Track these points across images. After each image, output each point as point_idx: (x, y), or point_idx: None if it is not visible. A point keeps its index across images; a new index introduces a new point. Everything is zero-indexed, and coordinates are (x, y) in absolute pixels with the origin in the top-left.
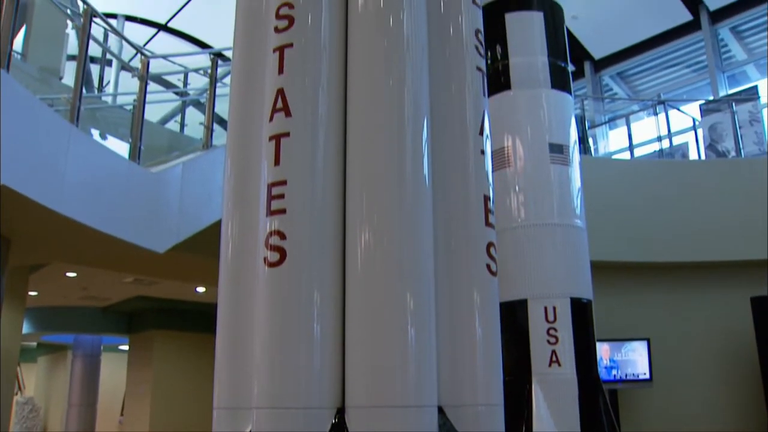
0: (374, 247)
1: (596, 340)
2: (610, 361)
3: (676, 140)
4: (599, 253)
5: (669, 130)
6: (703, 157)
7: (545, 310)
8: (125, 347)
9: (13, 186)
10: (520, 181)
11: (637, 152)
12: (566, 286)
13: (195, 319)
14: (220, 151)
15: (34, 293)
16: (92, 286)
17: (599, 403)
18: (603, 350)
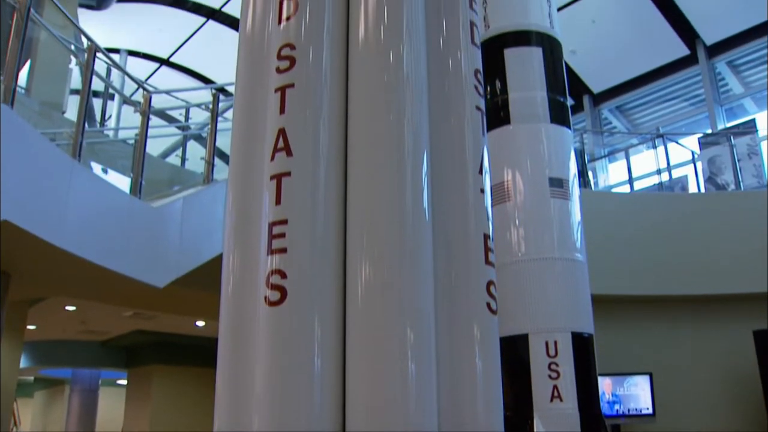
0: (374, 281)
1: (598, 375)
2: (613, 395)
3: (676, 173)
4: (600, 287)
5: (668, 163)
6: (702, 190)
7: (546, 344)
8: (123, 382)
9: (14, 221)
10: (521, 215)
11: (637, 185)
12: (567, 321)
13: (194, 354)
14: (221, 186)
15: (32, 327)
16: (91, 320)
17: None
18: (605, 385)
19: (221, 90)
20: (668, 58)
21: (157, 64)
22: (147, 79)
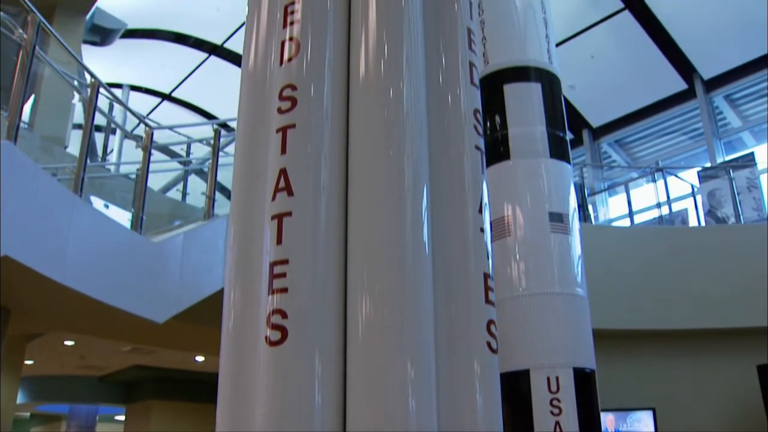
0: (375, 317)
1: (601, 411)
2: (616, 431)
3: (676, 206)
4: (601, 321)
5: (668, 197)
6: (702, 223)
7: (548, 380)
8: (121, 417)
9: (14, 256)
10: (521, 250)
11: (637, 219)
12: (569, 356)
13: (193, 389)
14: (221, 221)
15: (30, 362)
16: (90, 355)
17: None
18: (608, 421)
19: (223, 125)
20: (666, 92)
21: (159, 99)
22: (149, 114)
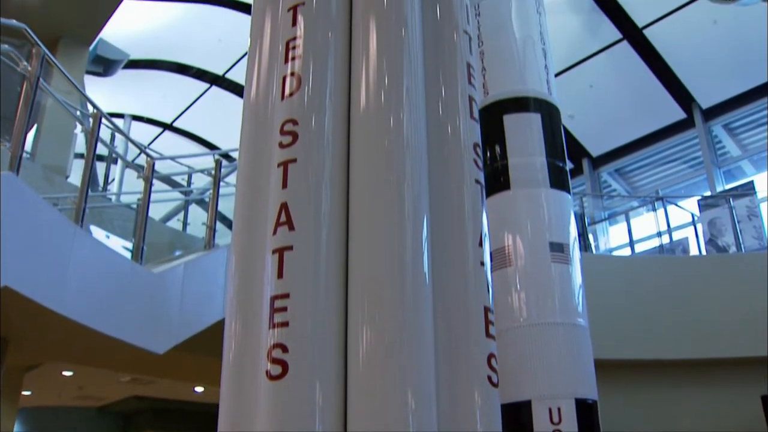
0: (376, 347)
1: None
2: None
3: (677, 235)
4: (602, 351)
5: (668, 226)
6: (703, 252)
7: (550, 411)
8: None
9: (14, 287)
10: (522, 280)
11: (638, 248)
12: (571, 387)
13: (193, 420)
14: (222, 251)
15: (27, 393)
16: (88, 386)
17: None
18: None
19: (224, 156)
20: (665, 121)
21: (160, 129)
22: (150, 144)
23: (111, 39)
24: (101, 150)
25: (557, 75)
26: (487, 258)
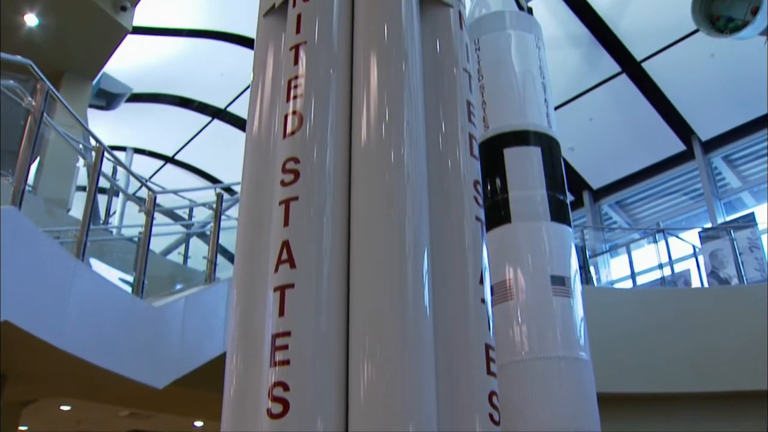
0: (377, 382)
1: None
2: None
3: (678, 267)
4: (604, 385)
5: (670, 258)
6: (705, 284)
7: None
8: None
9: (15, 322)
10: (523, 313)
11: (640, 280)
12: (573, 421)
13: None
14: (223, 285)
15: (24, 428)
16: (86, 420)
17: None
18: None
19: (227, 189)
20: (665, 153)
21: (162, 162)
22: (151, 177)
23: (114, 73)
24: (103, 183)
25: (557, 108)
26: (488, 295)
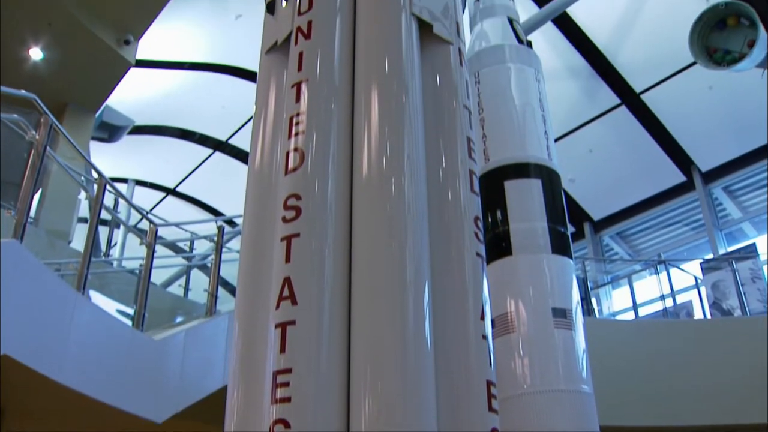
0: (378, 415)
1: None
2: None
3: (680, 298)
4: (606, 418)
5: (672, 289)
6: (708, 315)
7: None
8: None
9: (14, 356)
10: (525, 346)
11: (642, 311)
12: None
13: None
14: (223, 318)
15: None
16: None
17: None
18: None
19: (229, 222)
20: (665, 184)
21: (163, 194)
22: (153, 209)
23: (116, 105)
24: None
25: (557, 140)
26: (489, 331)
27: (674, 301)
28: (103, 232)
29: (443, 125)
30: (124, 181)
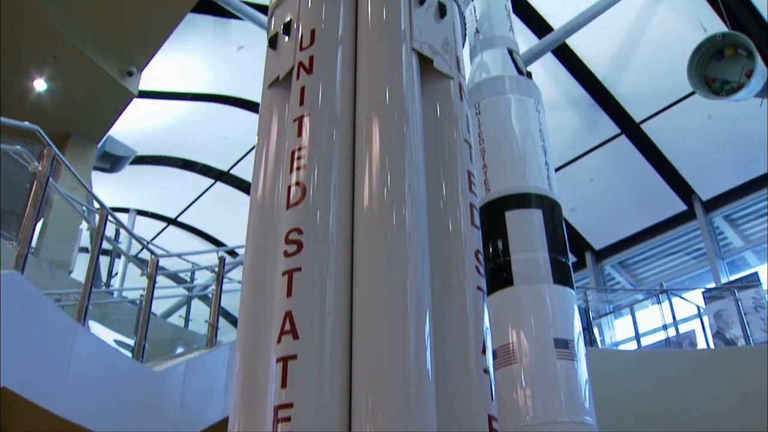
0: None
1: None
2: None
3: (683, 327)
4: None
5: (674, 319)
6: (711, 345)
7: None
8: None
9: (13, 388)
10: (527, 377)
11: (645, 341)
12: None
13: None
14: (224, 349)
15: None
16: None
17: None
18: None
19: (231, 252)
20: (666, 213)
21: (164, 224)
22: (154, 238)
23: (119, 135)
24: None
25: (557, 170)
26: (491, 365)
27: (677, 330)
28: (104, 262)
29: (444, 157)
30: (125, 210)
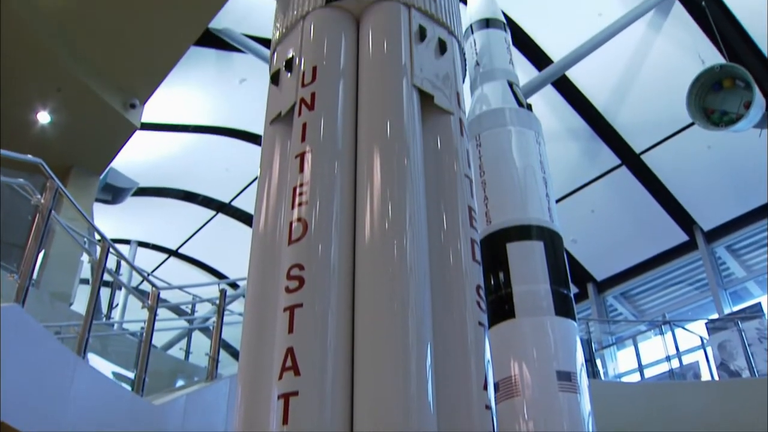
0: None
1: None
2: None
3: (687, 359)
4: None
5: (677, 350)
6: (715, 376)
7: None
8: None
9: (12, 423)
10: (529, 410)
11: (648, 372)
12: None
13: None
14: (224, 383)
15: None
16: None
17: None
18: None
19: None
20: (668, 244)
21: (165, 255)
22: (155, 270)
23: (121, 167)
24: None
25: (558, 201)
26: (492, 401)
27: (680, 362)
28: (105, 294)
29: (444, 191)
30: (126, 242)
